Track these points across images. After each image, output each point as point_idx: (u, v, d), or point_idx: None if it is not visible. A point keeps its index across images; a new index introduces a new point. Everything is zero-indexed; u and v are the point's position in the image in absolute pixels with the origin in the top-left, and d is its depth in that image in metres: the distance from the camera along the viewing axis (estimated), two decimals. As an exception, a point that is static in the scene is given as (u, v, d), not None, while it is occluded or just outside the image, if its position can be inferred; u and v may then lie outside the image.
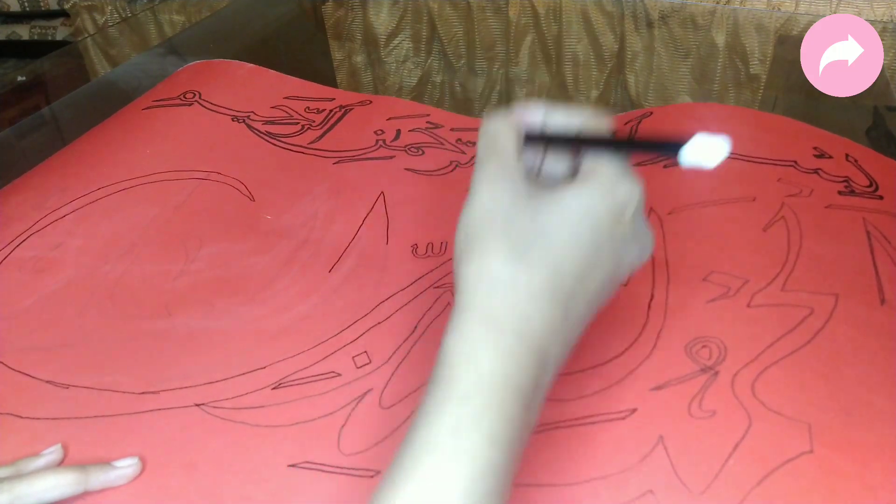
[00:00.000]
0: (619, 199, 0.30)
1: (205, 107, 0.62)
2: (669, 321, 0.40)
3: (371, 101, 0.64)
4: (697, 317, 0.40)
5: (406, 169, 0.57)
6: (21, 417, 0.40)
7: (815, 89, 0.70)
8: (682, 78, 0.75)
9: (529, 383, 0.28)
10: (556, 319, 0.29)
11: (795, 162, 0.51)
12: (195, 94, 0.63)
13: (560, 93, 0.81)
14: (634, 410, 0.36)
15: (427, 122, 0.62)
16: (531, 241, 0.29)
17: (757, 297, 0.41)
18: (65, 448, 0.38)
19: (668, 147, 0.29)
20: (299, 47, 0.78)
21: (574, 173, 0.32)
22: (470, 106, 0.67)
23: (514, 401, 0.27)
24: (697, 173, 0.49)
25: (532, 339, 0.28)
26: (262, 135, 0.60)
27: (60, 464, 0.38)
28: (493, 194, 0.31)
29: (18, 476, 0.35)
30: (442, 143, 0.60)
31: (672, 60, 0.75)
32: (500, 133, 0.33)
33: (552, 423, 0.37)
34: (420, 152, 0.59)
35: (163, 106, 0.62)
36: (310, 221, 0.52)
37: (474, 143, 0.60)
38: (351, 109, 0.64)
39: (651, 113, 0.58)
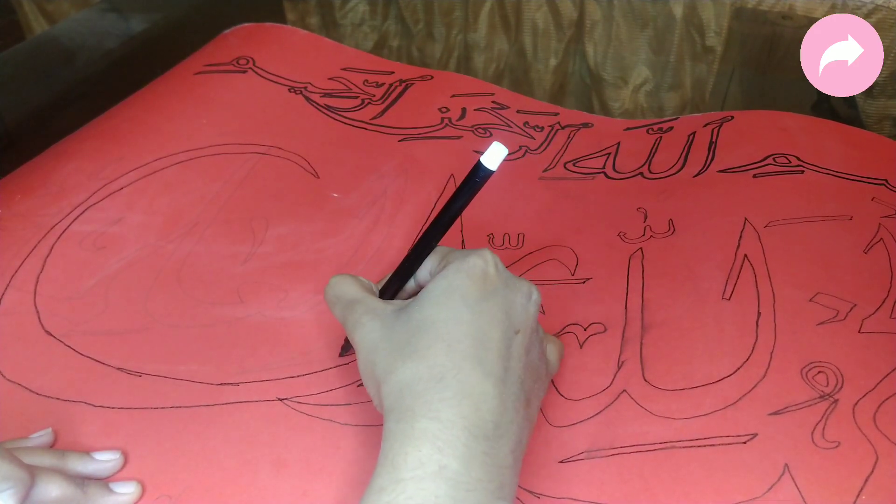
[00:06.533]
0: (472, 264, 0.31)
1: (260, 75, 0.59)
2: (781, 342, 0.39)
3: (433, 77, 0.62)
4: (809, 340, 0.39)
5: (475, 151, 0.54)
6: (94, 406, 0.37)
7: (768, 62, 0.69)
8: (639, 48, 0.73)
9: (456, 462, 0.27)
10: (469, 381, 0.28)
11: (886, 181, 0.49)
12: (249, 61, 0.60)
13: (518, 60, 0.79)
14: (755, 435, 0.35)
15: (493, 103, 0.59)
16: (414, 335, 0.30)
17: (867, 324, 0.40)
18: (142, 439, 0.36)
19: (471, 185, 0.33)
20: (251, 7, 0.74)
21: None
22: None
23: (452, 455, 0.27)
24: (789, 187, 0.49)
25: (443, 412, 0.28)
26: (321, 108, 0.57)
27: (52, 446, 0.36)
28: (369, 332, 0.32)
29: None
30: (510, 126, 0.57)
31: (630, 31, 0.72)
32: (344, 287, 0.35)
33: (667, 442, 0.35)
34: (488, 134, 0.56)
35: (216, 72, 0.59)
36: (379, 200, 0.50)
37: (542, 128, 0.57)
38: (412, 84, 0.61)
39: (732, 117, 0.56)
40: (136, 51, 0.63)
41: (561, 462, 0.35)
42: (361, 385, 0.39)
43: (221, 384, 0.39)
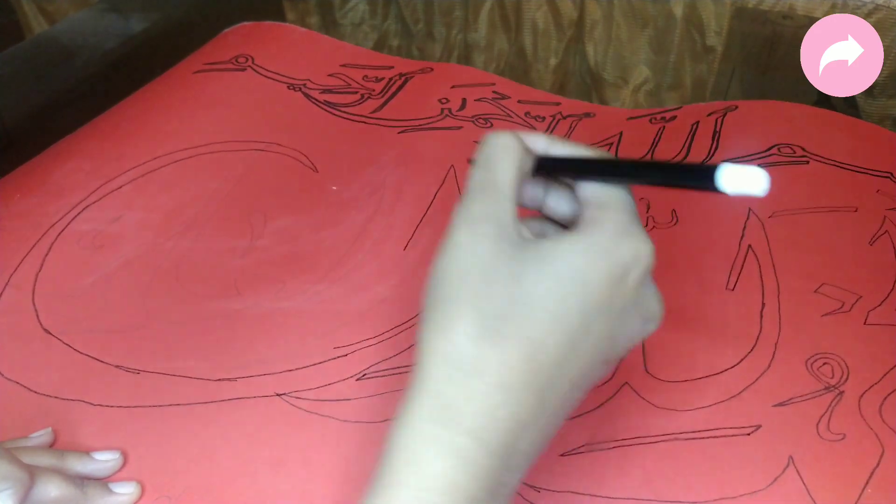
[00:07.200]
0: (621, 258, 0.24)
1: (259, 73, 0.59)
2: (785, 332, 0.38)
3: (433, 69, 0.61)
4: (814, 331, 0.38)
5: (475, 141, 0.54)
6: (92, 405, 0.37)
7: (768, 62, 0.69)
8: (639, 48, 0.73)
9: (484, 492, 0.23)
10: (529, 411, 0.24)
11: (891, 173, 0.48)
12: (248, 59, 0.60)
13: (518, 60, 0.78)
14: (759, 427, 0.34)
15: (493, 93, 0.59)
16: (508, 311, 0.24)
17: (872, 315, 0.39)
18: (142, 439, 0.36)
19: (698, 174, 0.23)
20: (251, 7, 0.73)
21: (576, 219, 0.26)
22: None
23: None
24: (794, 177, 0.48)
25: (494, 438, 0.23)
26: (320, 104, 0.57)
27: (51, 446, 0.35)
28: (473, 245, 0.25)
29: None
30: (510, 116, 0.57)
31: (630, 30, 0.72)
32: (498, 160, 0.26)
33: (669, 434, 0.34)
34: (488, 124, 0.56)
35: (215, 70, 0.59)
36: (378, 191, 0.50)
37: (544, 118, 0.57)
38: (411, 77, 0.60)
39: (736, 107, 0.55)
40: (136, 51, 0.63)
41: (561, 455, 0.34)
42: (360, 379, 0.38)
43: (220, 380, 0.38)
